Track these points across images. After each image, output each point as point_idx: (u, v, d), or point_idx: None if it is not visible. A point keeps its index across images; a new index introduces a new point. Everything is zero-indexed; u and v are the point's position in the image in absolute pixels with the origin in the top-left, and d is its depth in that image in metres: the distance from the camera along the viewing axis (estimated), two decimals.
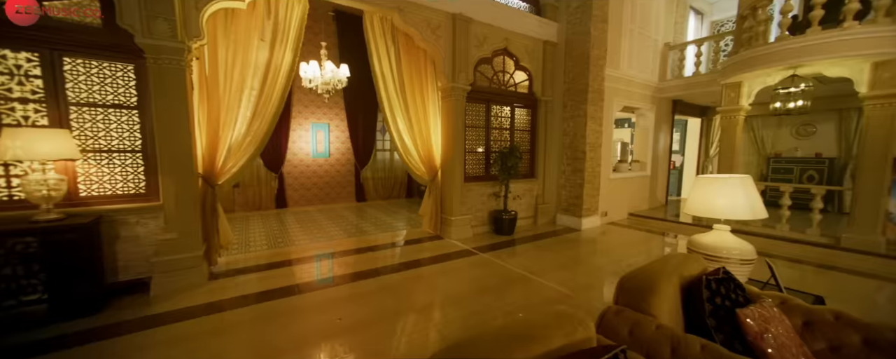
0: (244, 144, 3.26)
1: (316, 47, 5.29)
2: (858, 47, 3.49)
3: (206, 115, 2.99)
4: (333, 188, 7.35)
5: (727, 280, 1.42)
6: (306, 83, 4.77)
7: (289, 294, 2.74)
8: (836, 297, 2.77)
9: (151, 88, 2.54)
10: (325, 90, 4.85)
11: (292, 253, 3.81)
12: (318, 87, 4.85)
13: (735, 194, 1.94)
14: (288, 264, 3.45)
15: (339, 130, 7.31)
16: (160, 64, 2.53)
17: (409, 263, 3.55)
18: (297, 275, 3.17)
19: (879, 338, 1.24)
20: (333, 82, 4.90)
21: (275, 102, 3.42)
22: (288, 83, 3.51)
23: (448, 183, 4.53)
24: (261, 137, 3.36)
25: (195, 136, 2.88)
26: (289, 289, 2.84)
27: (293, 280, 3.03)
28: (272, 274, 3.17)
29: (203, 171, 3.00)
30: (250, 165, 4.04)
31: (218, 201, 3.12)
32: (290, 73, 3.52)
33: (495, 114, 5.00)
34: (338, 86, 5.06)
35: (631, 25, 5.53)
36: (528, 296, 2.77)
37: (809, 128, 6.70)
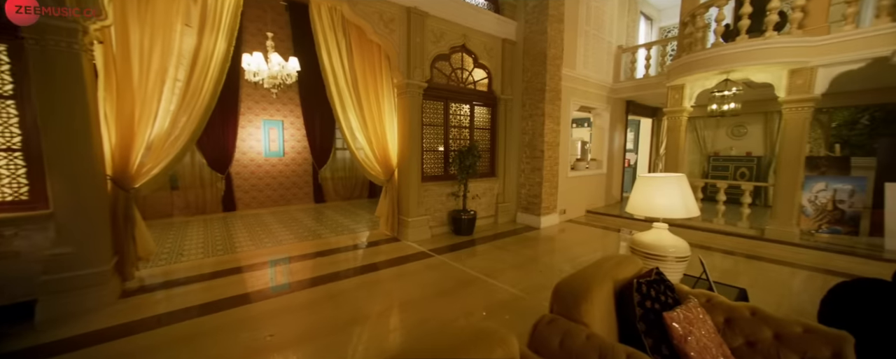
0: (168, 143, 2.90)
1: (265, 38, 4.89)
2: (777, 55, 3.78)
3: (115, 108, 2.60)
4: (289, 189, 6.92)
5: (658, 282, 1.41)
6: (250, 77, 4.39)
7: (217, 310, 2.46)
8: (759, 286, 2.96)
9: (33, 75, 2.14)
10: (272, 85, 4.49)
11: (231, 262, 3.48)
12: (263, 82, 4.48)
13: (672, 194, 1.97)
14: (223, 275, 3.12)
15: (295, 128, 6.89)
16: (45, 46, 2.14)
17: (361, 269, 3.36)
18: (232, 286, 2.87)
19: (788, 332, 1.27)
20: (282, 76, 4.55)
21: (207, 96, 3.08)
22: (222, 75, 3.18)
23: (405, 183, 4.37)
24: (190, 134, 3.01)
25: (101, 132, 2.49)
26: (218, 303, 2.55)
27: (226, 293, 2.73)
28: (202, 287, 2.85)
29: (113, 173, 2.61)
30: (177, 166, 3.62)
31: (134, 207, 2.74)
32: (225, 64, 3.19)
33: (454, 112, 4.90)
34: (287, 80, 4.72)
35: (586, 27, 5.66)
36: (481, 299, 2.69)
37: (742, 129, 7.28)
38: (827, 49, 3.66)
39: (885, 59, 3.48)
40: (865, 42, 3.48)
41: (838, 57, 3.62)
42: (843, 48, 3.58)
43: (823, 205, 4.40)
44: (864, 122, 6.06)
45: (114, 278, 2.50)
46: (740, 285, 2.96)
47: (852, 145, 6.08)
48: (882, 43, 3.41)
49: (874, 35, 3.44)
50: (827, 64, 3.70)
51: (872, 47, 3.45)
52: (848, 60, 3.59)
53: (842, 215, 4.30)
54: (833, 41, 3.62)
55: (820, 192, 4.42)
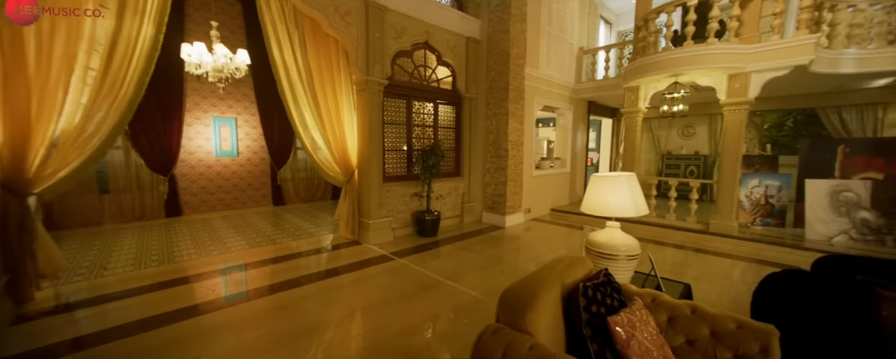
0: (80, 141, 2.54)
1: (209, 27, 4.47)
2: (717, 61, 4.05)
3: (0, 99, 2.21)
4: (244, 191, 6.46)
5: (605, 284, 1.39)
6: (192, 69, 3.99)
7: (134, 332, 2.17)
8: (704, 279, 3.14)
9: None
10: (217, 79, 4.12)
11: (165, 274, 3.13)
12: (208, 75, 4.10)
13: (623, 193, 2.00)
14: (151, 290, 2.79)
15: (250, 126, 6.43)
16: None
17: (317, 275, 3.16)
18: (161, 303, 2.57)
19: (723, 329, 1.30)
20: (229, 70, 4.19)
21: (131, 89, 2.74)
22: (150, 65, 2.85)
23: (365, 184, 4.20)
24: (108, 131, 2.66)
25: None
26: (138, 324, 2.26)
27: (150, 311, 2.43)
28: (121, 306, 2.52)
29: (2, 176, 2.22)
30: (94, 167, 3.21)
31: (34, 216, 2.36)
32: (153, 52, 2.86)
33: (417, 110, 4.79)
34: (235, 74, 4.35)
35: (548, 28, 5.76)
36: (441, 304, 2.62)
37: (690, 130, 7.81)
38: (758, 56, 3.96)
39: (805, 67, 3.83)
40: (789, 51, 3.80)
41: (767, 64, 3.93)
42: (771, 56, 3.89)
43: (757, 200, 4.79)
44: (790, 124, 6.71)
45: (3, 301, 2.13)
46: (688, 278, 3.13)
47: (780, 145, 6.71)
48: (802, 52, 3.74)
49: (795, 45, 3.77)
50: (758, 70, 4.00)
51: (794, 56, 3.78)
52: (775, 67, 3.91)
53: (772, 209, 4.71)
54: (763, 49, 3.93)
55: (754, 188, 4.81)
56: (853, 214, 4.00)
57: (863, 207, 3.97)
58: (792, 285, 1.67)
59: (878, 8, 4.23)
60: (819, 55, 3.86)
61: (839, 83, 5.00)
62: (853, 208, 4.00)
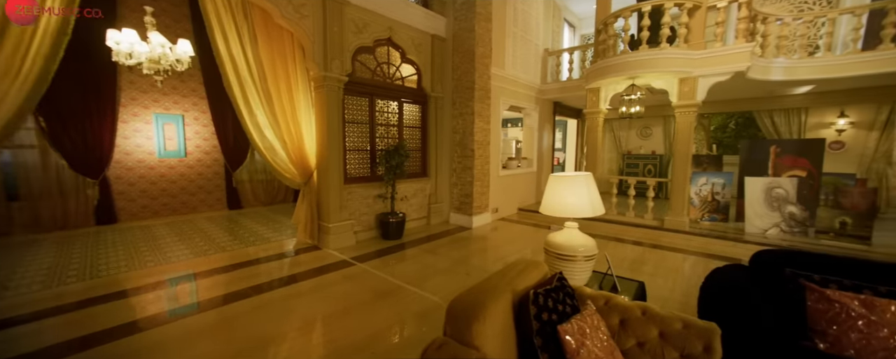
0: None
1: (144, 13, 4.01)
2: (669, 65, 4.27)
3: None
4: (194, 195, 5.93)
5: (558, 289, 1.35)
6: (122, 59, 3.55)
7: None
8: (659, 274, 3.27)
9: None
10: (153, 71, 3.71)
11: (81, 292, 2.74)
12: (142, 66, 3.67)
13: (580, 192, 2.00)
14: (61, 313, 2.43)
15: (200, 124, 5.92)
16: None
17: (268, 285, 2.92)
18: (69, 329, 2.23)
19: (670, 330, 1.31)
20: (168, 62, 3.78)
21: (32, 78, 2.38)
22: (57, 51, 2.47)
23: (325, 186, 3.98)
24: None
25: None
26: (48, 352, 1.95)
27: (53, 338, 2.11)
28: (21, 332, 2.16)
29: None
30: None
31: None
32: (61, 37, 2.49)
33: (381, 109, 4.63)
34: (177, 67, 3.95)
35: (514, 28, 5.81)
36: (400, 311, 2.51)
37: (648, 130, 8.27)
38: (704, 62, 4.22)
39: (743, 74, 4.14)
40: (729, 58, 4.09)
41: (712, 69, 4.20)
42: (715, 62, 4.17)
43: (705, 197, 5.13)
44: (732, 126, 7.29)
45: None
46: (645, 274, 3.25)
47: (724, 145, 7.27)
48: (740, 59, 4.04)
49: (734, 53, 4.06)
50: (705, 75, 4.27)
51: (734, 62, 4.07)
52: (718, 72, 4.19)
53: (718, 205, 5.06)
54: (708, 56, 4.19)
55: (703, 185, 5.14)
56: (783, 208, 4.38)
57: (790, 202, 4.36)
58: (733, 279, 1.75)
59: (800, 22, 4.67)
60: (754, 63, 4.18)
61: (771, 89, 5.48)
62: (783, 203, 4.39)
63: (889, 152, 5.39)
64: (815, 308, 1.47)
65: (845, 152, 5.97)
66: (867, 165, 5.80)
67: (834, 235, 4.28)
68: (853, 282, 1.47)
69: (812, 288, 1.50)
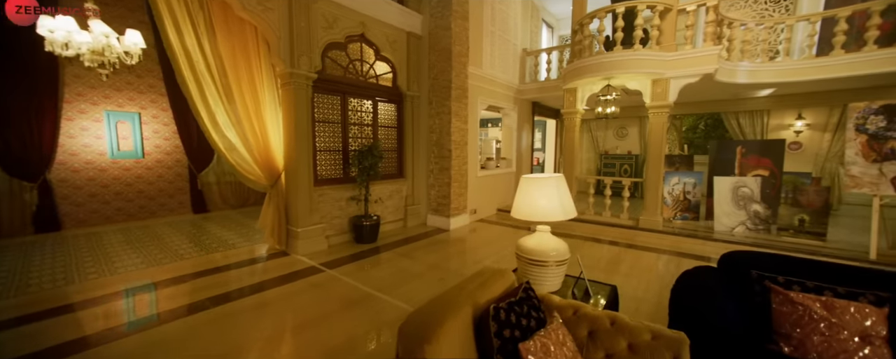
0: None
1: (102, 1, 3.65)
2: (642, 66, 4.33)
3: None
4: (153, 199, 5.53)
5: (522, 301, 1.27)
6: (57, 50, 3.21)
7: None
8: (634, 274, 3.28)
9: None
10: (96, 64, 3.38)
11: (6, 311, 2.45)
12: (83, 58, 3.34)
13: (551, 195, 1.93)
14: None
15: (160, 123, 5.53)
16: None
17: (222, 297, 2.71)
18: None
19: (639, 341, 1.26)
20: (113, 54, 3.46)
21: None
22: None
23: (293, 188, 3.78)
24: None
25: None
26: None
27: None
28: None
29: None
30: None
31: None
32: None
33: (354, 108, 4.45)
34: (126, 60, 3.62)
35: (491, 27, 5.76)
36: (366, 321, 2.37)
37: (624, 131, 8.46)
38: (675, 64, 4.31)
39: (711, 76, 4.26)
40: (698, 60, 4.19)
41: (682, 71, 4.29)
42: (685, 64, 4.26)
43: (678, 196, 5.26)
44: (702, 127, 7.56)
45: None
46: (620, 274, 3.26)
47: (695, 146, 7.53)
48: (708, 62, 4.15)
49: (703, 55, 4.16)
50: (676, 76, 4.36)
51: (703, 65, 4.17)
52: (688, 74, 4.28)
53: (689, 204, 5.20)
54: (679, 58, 4.28)
55: (675, 185, 5.28)
56: (748, 206, 4.54)
57: (755, 201, 4.53)
58: (702, 282, 1.73)
59: (762, 28, 4.87)
60: (721, 66, 4.31)
61: (736, 92, 5.70)
62: (748, 202, 4.55)
63: (840, 153, 5.73)
64: (779, 311, 1.46)
65: (802, 152, 6.30)
66: (821, 165, 6.14)
67: (794, 232, 4.48)
68: (815, 283, 1.48)
69: (777, 290, 1.49)
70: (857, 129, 3.76)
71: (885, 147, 3.63)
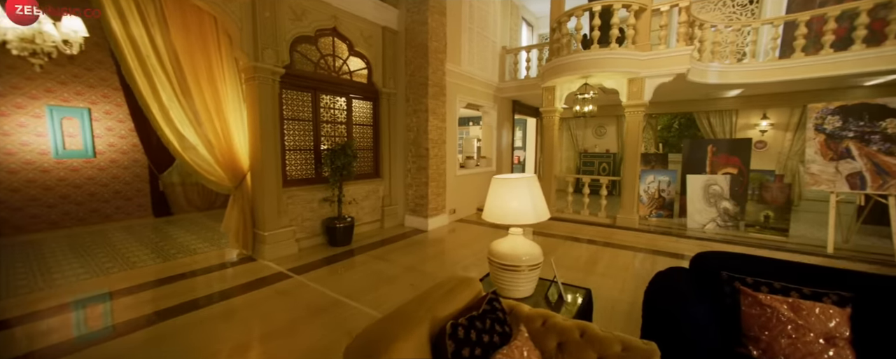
0: None
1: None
2: (618, 65, 4.36)
3: None
4: (107, 202, 5.11)
5: (486, 315, 1.17)
6: None
7: None
8: (610, 274, 3.28)
9: None
10: (26, 52, 3.03)
11: None
12: (10, 45, 2.98)
13: (523, 197, 1.86)
14: None
15: (114, 120, 5.11)
16: None
17: (176, 309, 2.49)
18: None
19: (610, 353, 1.19)
20: (49, 42, 3.11)
21: None
22: None
23: (260, 190, 3.56)
24: None
25: None
26: None
27: None
28: None
29: None
30: None
31: None
32: None
33: (327, 105, 4.25)
34: (66, 50, 3.27)
35: (470, 24, 5.67)
36: (328, 332, 2.22)
37: (602, 129, 8.59)
38: (650, 63, 4.37)
39: (684, 76, 4.34)
40: (672, 60, 4.26)
41: (657, 70, 4.35)
42: (659, 64, 4.32)
43: (653, 194, 5.37)
44: (676, 126, 7.78)
45: None
46: (596, 274, 3.24)
47: (670, 144, 7.74)
48: (681, 62, 4.22)
49: (676, 55, 4.23)
50: (651, 75, 4.42)
51: (676, 65, 4.24)
52: (662, 74, 4.35)
53: (663, 202, 5.31)
54: (653, 57, 4.34)
55: (650, 183, 5.38)
56: (718, 204, 4.68)
57: (725, 198, 4.67)
58: (674, 285, 1.70)
59: (730, 30, 5.02)
60: (693, 66, 4.40)
61: (707, 92, 5.87)
62: (718, 199, 4.69)
63: (801, 151, 6.02)
64: (748, 313, 1.44)
65: (767, 151, 6.59)
66: (784, 163, 6.44)
67: (759, 228, 4.65)
68: (782, 283, 1.47)
69: (746, 292, 1.47)
70: (816, 128, 3.92)
71: (841, 146, 3.80)
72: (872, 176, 3.61)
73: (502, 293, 1.91)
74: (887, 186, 3.54)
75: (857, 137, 3.70)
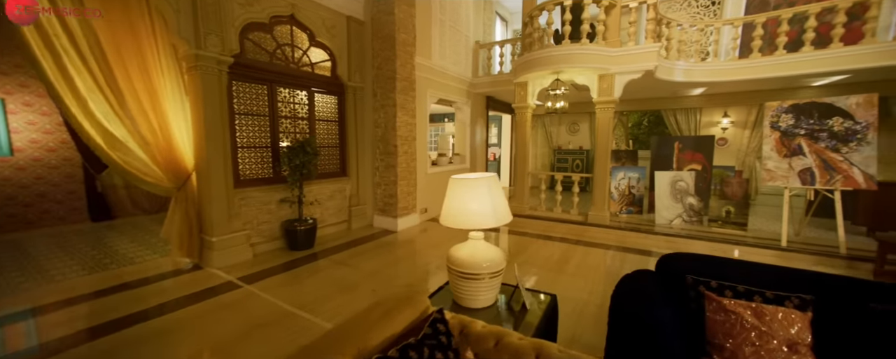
0: None
1: None
2: (589, 61, 4.33)
3: None
4: (29, 206, 4.54)
5: (423, 342, 0.99)
6: None
7: None
8: (580, 273, 3.22)
9: None
10: None
11: None
12: None
13: (482, 198, 1.71)
14: None
15: (36, 112, 4.53)
16: None
17: (94, 331, 2.16)
18: None
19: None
20: None
21: None
22: None
23: (207, 191, 3.22)
24: None
25: None
26: None
27: None
28: None
29: None
30: None
31: None
32: None
33: (286, 99, 3.94)
34: None
35: (441, 16, 5.47)
36: (273, 349, 2.00)
37: (575, 126, 8.69)
38: (620, 59, 4.37)
39: (652, 73, 4.38)
40: (641, 57, 4.28)
41: (626, 67, 4.36)
42: (629, 60, 4.33)
43: (623, 190, 5.44)
44: (645, 123, 7.98)
45: None
46: (567, 274, 3.17)
47: (640, 141, 7.94)
48: (649, 58, 4.25)
49: (645, 52, 4.26)
50: (620, 72, 4.42)
51: (644, 61, 4.27)
52: (632, 70, 4.37)
53: (633, 198, 5.40)
54: (623, 53, 4.34)
55: (621, 180, 5.45)
56: (684, 200, 4.79)
57: (690, 194, 4.79)
58: (639, 290, 1.62)
59: (695, 29, 5.14)
60: (660, 64, 4.44)
61: (674, 90, 6.02)
62: (684, 195, 4.80)
63: (758, 147, 6.33)
64: (713, 320, 1.37)
65: (728, 148, 6.88)
66: (743, 159, 6.76)
67: (722, 223, 4.81)
68: (746, 287, 1.41)
69: (711, 297, 1.41)
70: (772, 126, 4.06)
71: (794, 143, 3.96)
72: (821, 172, 3.79)
73: (462, 303, 1.77)
74: (833, 181, 3.72)
75: (808, 135, 3.86)
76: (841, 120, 3.72)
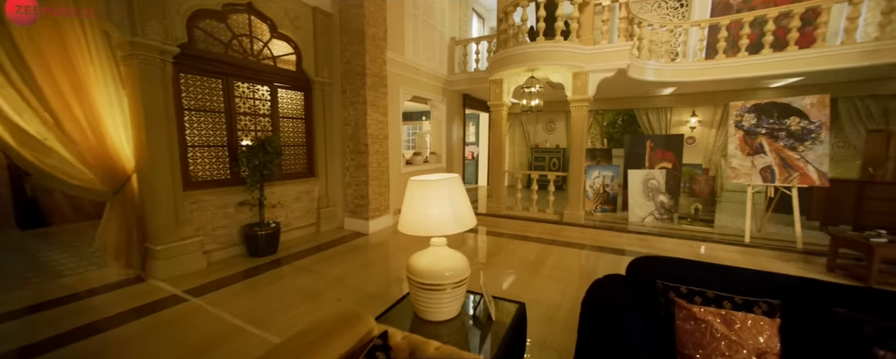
0: None
1: None
2: (563, 58, 4.29)
3: None
4: None
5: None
6: None
7: None
8: (554, 276, 3.16)
9: None
10: None
11: None
12: None
13: (442, 202, 1.58)
14: None
15: None
16: None
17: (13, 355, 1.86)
18: None
19: None
20: None
21: None
22: None
23: (150, 195, 2.91)
24: None
25: None
26: None
27: None
28: None
29: None
30: None
31: None
32: None
33: (245, 94, 3.65)
34: None
35: (414, 10, 5.29)
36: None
37: (552, 125, 8.75)
38: (593, 58, 4.36)
39: (625, 71, 4.40)
40: (614, 55, 4.28)
41: (600, 65, 4.36)
42: (602, 58, 4.33)
43: (598, 189, 5.47)
44: (620, 122, 8.13)
45: None
46: (541, 276, 3.10)
47: (614, 140, 8.08)
48: (621, 57, 4.26)
49: (617, 51, 4.26)
50: (594, 70, 4.41)
51: (617, 60, 4.27)
52: (605, 68, 4.36)
53: (607, 196, 5.44)
54: (596, 51, 4.33)
55: (596, 178, 5.48)
56: (656, 198, 4.87)
57: (661, 192, 4.87)
58: (609, 296, 1.54)
59: (665, 30, 5.23)
60: (632, 63, 4.47)
61: (646, 89, 6.13)
62: (656, 193, 4.88)
63: (723, 146, 6.57)
64: (683, 328, 1.30)
65: (696, 146, 7.11)
66: (709, 157, 7.01)
67: (691, 220, 4.92)
68: (715, 293, 1.35)
69: (681, 305, 1.34)
70: (736, 125, 4.18)
71: (756, 142, 4.09)
72: (780, 169, 3.92)
73: (423, 317, 1.63)
74: (791, 178, 3.86)
75: (769, 134, 3.99)
76: (798, 119, 3.86)
